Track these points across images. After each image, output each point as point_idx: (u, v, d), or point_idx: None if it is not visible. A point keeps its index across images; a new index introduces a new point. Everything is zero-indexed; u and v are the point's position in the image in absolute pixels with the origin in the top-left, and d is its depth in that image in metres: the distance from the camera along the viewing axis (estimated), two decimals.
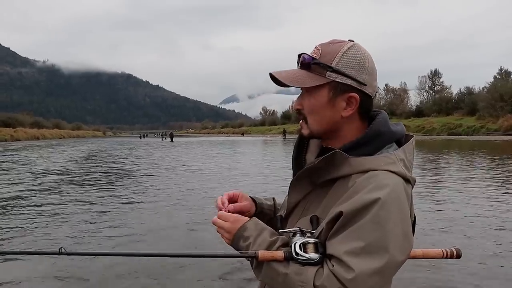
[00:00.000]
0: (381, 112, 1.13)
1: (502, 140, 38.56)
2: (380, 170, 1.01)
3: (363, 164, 1.03)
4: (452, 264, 4.57)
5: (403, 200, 1.00)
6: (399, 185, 1.00)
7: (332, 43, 1.09)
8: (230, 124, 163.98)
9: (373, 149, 1.06)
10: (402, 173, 1.03)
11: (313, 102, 1.08)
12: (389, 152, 1.06)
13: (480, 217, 7.13)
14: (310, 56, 1.08)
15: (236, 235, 1.09)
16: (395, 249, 0.95)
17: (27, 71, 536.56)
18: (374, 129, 1.07)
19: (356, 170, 1.03)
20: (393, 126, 1.12)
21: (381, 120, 1.09)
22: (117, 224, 6.94)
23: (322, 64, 1.06)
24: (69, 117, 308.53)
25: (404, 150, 1.08)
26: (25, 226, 6.87)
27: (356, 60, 1.06)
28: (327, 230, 1.00)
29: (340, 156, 1.03)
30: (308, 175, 1.10)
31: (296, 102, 1.13)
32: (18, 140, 62.97)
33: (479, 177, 12.60)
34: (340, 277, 0.92)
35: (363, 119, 1.11)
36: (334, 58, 1.05)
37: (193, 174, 14.86)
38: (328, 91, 1.06)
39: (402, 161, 1.05)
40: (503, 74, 67.43)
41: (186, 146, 42.59)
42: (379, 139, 1.08)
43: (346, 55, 1.06)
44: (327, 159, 1.04)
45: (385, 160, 1.03)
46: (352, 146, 1.06)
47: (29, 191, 10.86)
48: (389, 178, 1.00)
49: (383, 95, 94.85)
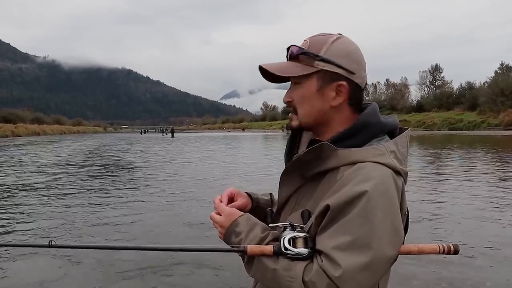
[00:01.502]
0: (371, 103, 1.11)
1: (503, 135, 38.52)
2: (368, 162, 0.99)
3: (351, 156, 1.01)
4: (453, 259, 4.59)
5: (392, 192, 0.97)
6: (387, 177, 0.98)
7: (320, 35, 1.09)
8: (231, 120, 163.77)
9: (362, 141, 1.04)
10: (392, 165, 1.00)
11: (302, 92, 1.08)
12: (380, 144, 1.04)
13: (479, 211, 7.14)
14: (298, 47, 1.08)
15: (228, 230, 1.08)
16: (384, 244, 0.93)
17: (27, 66, 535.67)
18: (362, 120, 1.05)
19: (344, 162, 1.01)
20: (383, 117, 1.10)
21: (370, 111, 1.07)
22: (129, 220, 6.97)
23: (310, 54, 1.05)
24: (70, 113, 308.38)
25: (396, 142, 1.06)
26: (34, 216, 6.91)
27: (344, 50, 1.06)
28: (316, 225, 0.99)
29: (327, 148, 1.02)
30: (297, 168, 1.09)
31: (286, 95, 1.12)
32: (19, 136, 62.95)
33: (479, 172, 12.58)
34: (329, 274, 0.91)
35: (354, 111, 1.09)
36: (322, 47, 1.05)
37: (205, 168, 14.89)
38: (316, 80, 1.06)
39: (393, 153, 1.03)
40: (504, 69, 67.21)
41: (189, 141, 42.59)
42: (367, 130, 1.05)
43: (334, 44, 1.05)
44: (313, 150, 1.02)
45: (373, 151, 1.01)
46: (339, 138, 1.05)
47: (51, 181, 10.91)
48: (376, 170, 0.98)
49: (384, 90, 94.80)
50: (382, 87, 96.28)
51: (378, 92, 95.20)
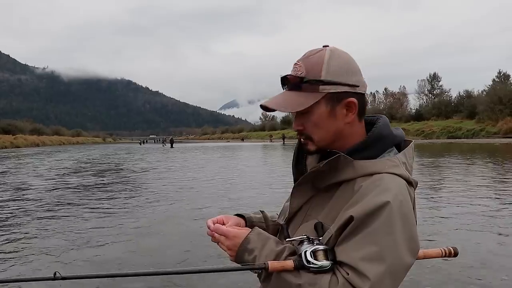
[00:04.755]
0: (381, 116, 1.14)
1: (502, 143, 38.59)
2: (385, 173, 1.00)
3: (368, 167, 1.02)
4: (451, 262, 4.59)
5: (408, 202, 1.00)
6: (404, 188, 1.01)
7: (310, 55, 1.07)
8: (230, 130, 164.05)
9: (376, 153, 1.06)
10: (405, 176, 1.03)
11: (313, 119, 1.06)
12: (391, 155, 1.06)
13: (478, 217, 7.14)
14: (295, 76, 1.06)
15: (239, 249, 1.05)
16: (406, 252, 0.95)
17: (26, 78, 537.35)
18: (377, 132, 1.07)
19: (360, 173, 1.02)
20: (393, 130, 1.12)
21: (383, 124, 1.10)
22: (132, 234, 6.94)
23: (313, 81, 1.04)
24: (69, 124, 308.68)
25: (405, 153, 1.08)
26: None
27: (342, 65, 1.05)
28: (336, 237, 0.98)
29: (344, 159, 1.02)
30: (311, 179, 1.09)
31: (295, 123, 1.10)
32: (18, 147, 62.93)
33: (478, 179, 12.58)
34: (356, 285, 0.91)
35: (360, 119, 1.10)
36: (321, 70, 1.04)
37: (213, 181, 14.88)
38: (325, 104, 1.05)
39: (404, 164, 1.05)
40: (502, 77, 67.61)
41: (191, 151, 42.59)
42: (381, 142, 1.07)
43: (331, 63, 1.04)
44: (331, 162, 1.03)
45: (389, 163, 1.03)
46: (355, 150, 1.06)
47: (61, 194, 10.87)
48: (394, 181, 1.00)
49: (383, 99, 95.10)
50: (381, 96, 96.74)
51: (377, 101, 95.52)
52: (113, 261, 5.30)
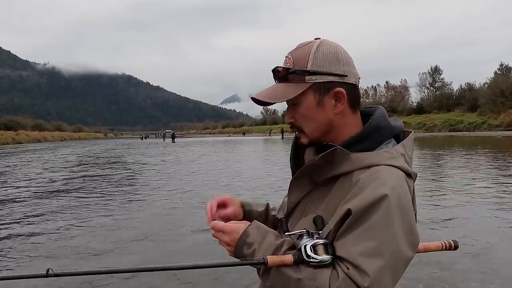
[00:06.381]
0: (378, 107, 1.12)
1: (504, 136, 38.52)
2: (383, 165, 0.99)
3: (365, 160, 1.01)
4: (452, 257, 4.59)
5: (407, 194, 0.98)
6: (402, 180, 0.99)
7: (300, 47, 1.07)
8: (231, 124, 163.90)
9: (373, 144, 1.05)
10: (404, 168, 1.01)
11: (302, 110, 1.07)
12: (389, 147, 1.05)
13: (480, 211, 7.15)
14: (283, 67, 1.07)
15: (238, 243, 1.03)
16: (405, 245, 0.94)
17: (27, 74, 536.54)
18: (374, 123, 1.05)
19: (358, 166, 1.01)
20: (392, 121, 1.11)
21: (380, 115, 1.08)
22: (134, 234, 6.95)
23: (298, 71, 1.04)
24: (70, 119, 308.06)
25: (404, 145, 1.07)
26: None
27: (329, 55, 1.04)
28: (335, 230, 0.97)
29: (340, 152, 1.01)
30: (308, 173, 1.08)
31: (287, 116, 1.11)
32: (20, 143, 62.97)
33: (480, 172, 12.57)
34: (356, 282, 0.90)
35: (354, 110, 1.08)
36: (308, 60, 1.04)
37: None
38: (313, 94, 1.05)
39: (403, 156, 1.04)
40: (504, 70, 67.31)
41: (192, 146, 42.60)
42: (378, 134, 1.06)
43: (318, 53, 1.04)
44: (327, 156, 1.01)
45: (386, 155, 1.02)
46: (352, 142, 1.04)
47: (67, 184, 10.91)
48: (392, 173, 0.98)
49: (384, 92, 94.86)
50: (382, 90, 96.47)
51: (378, 95, 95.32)
52: (109, 257, 5.33)
